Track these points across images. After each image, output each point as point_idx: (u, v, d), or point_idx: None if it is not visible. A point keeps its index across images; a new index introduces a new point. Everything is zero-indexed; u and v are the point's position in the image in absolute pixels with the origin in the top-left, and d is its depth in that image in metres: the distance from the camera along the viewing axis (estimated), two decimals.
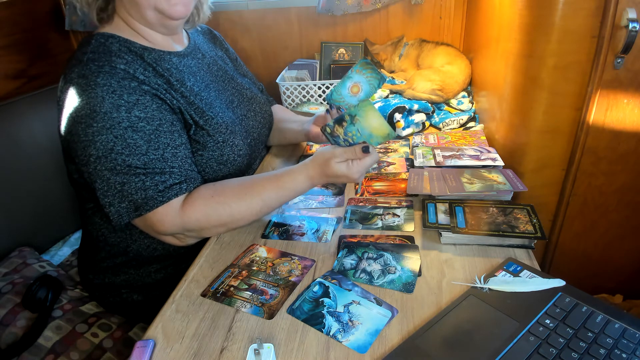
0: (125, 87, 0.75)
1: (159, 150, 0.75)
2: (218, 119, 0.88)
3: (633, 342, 0.55)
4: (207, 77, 0.95)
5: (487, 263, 0.72)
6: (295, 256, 0.78)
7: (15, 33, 1.32)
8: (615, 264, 1.10)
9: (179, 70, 0.88)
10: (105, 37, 0.82)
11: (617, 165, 0.95)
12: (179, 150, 0.78)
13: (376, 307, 0.65)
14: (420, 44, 1.43)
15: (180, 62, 0.90)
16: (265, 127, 1.08)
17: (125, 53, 0.81)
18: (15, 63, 1.32)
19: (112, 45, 0.81)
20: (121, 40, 0.83)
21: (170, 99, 0.81)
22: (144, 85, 0.78)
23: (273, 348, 0.58)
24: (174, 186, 0.76)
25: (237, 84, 1.04)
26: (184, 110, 0.83)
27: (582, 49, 0.85)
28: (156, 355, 0.61)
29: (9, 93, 1.28)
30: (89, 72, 0.75)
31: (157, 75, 0.83)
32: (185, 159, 0.79)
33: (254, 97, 1.06)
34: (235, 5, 1.53)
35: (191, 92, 0.87)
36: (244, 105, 1.01)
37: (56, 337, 0.89)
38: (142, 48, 0.84)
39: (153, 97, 0.78)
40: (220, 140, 0.87)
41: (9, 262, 1.06)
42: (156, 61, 0.84)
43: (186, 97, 0.85)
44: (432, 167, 0.98)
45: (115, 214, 0.75)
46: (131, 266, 0.92)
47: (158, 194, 0.74)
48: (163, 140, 0.76)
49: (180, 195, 0.76)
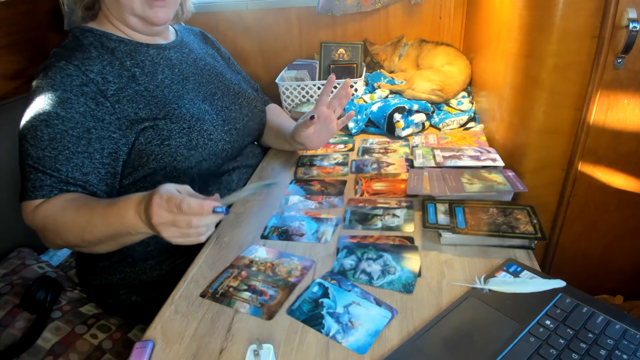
0: (65, 84, 0.80)
1: (56, 151, 0.78)
2: (182, 109, 0.91)
3: (634, 343, 0.54)
4: (188, 70, 1.00)
5: (487, 264, 0.72)
6: (294, 257, 0.78)
7: (15, 33, 1.32)
8: (615, 265, 1.09)
9: (154, 62, 0.93)
10: (82, 31, 0.89)
11: (617, 165, 0.95)
12: (76, 158, 0.79)
13: (376, 308, 0.65)
14: (420, 44, 1.43)
15: (159, 55, 0.95)
16: (253, 121, 1.09)
17: (94, 48, 0.87)
18: (15, 63, 1.32)
19: (85, 39, 0.88)
20: (97, 34, 0.89)
21: (113, 103, 0.84)
22: (85, 87, 0.82)
23: (272, 349, 0.58)
24: (46, 187, 0.77)
25: (225, 79, 1.07)
26: (128, 112, 0.84)
27: (582, 49, 0.85)
28: (155, 356, 0.61)
29: (9, 93, 1.28)
30: (47, 66, 0.82)
31: (122, 70, 0.87)
32: (79, 167, 0.79)
33: (242, 92, 1.09)
34: (235, 5, 1.53)
35: (160, 84, 0.91)
36: (228, 99, 1.04)
37: (55, 338, 0.89)
38: (119, 41, 0.90)
39: (88, 100, 0.81)
40: (186, 127, 0.89)
41: (8, 263, 1.06)
42: (130, 54, 0.90)
43: (149, 90, 0.89)
44: (432, 168, 0.97)
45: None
46: (127, 264, 0.93)
47: (31, 188, 0.77)
48: (65, 143, 0.78)
49: (45, 198, 0.77)
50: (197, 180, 0.93)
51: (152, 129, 0.86)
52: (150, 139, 0.86)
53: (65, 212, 0.75)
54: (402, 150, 1.13)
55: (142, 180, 0.89)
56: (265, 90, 1.31)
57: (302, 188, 1.00)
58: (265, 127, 1.18)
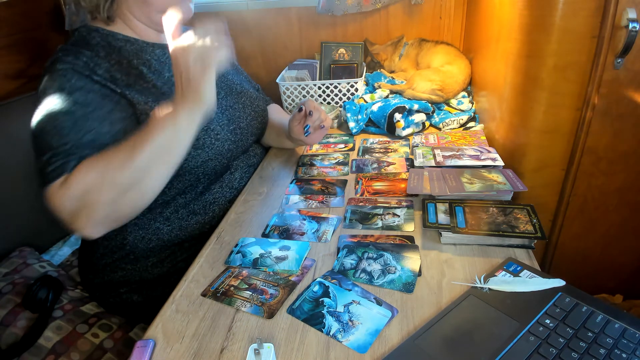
0: (77, 73, 0.78)
1: (80, 132, 0.74)
2: None
3: (633, 342, 0.55)
4: None
5: (487, 263, 0.72)
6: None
7: (15, 33, 1.32)
8: (615, 264, 1.10)
9: (161, 62, 0.93)
10: (89, 30, 0.88)
11: (617, 165, 0.95)
12: (102, 137, 0.76)
13: (376, 307, 0.65)
14: (419, 43, 1.43)
15: (164, 54, 0.94)
16: (256, 120, 1.10)
17: (101, 47, 0.86)
18: (15, 63, 1.32)
19: (92, 39, 0.87)
20: (104, 33, 0.88)
21: (124, 91, 0.82)
22: (96, 75, 0.80)
23: (273, 348, 0.58)
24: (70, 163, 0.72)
25: (227, 80, 1.08)
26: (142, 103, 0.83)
27: (582, 49, 0.85)
28: (156, 355, 0.61)
29: (9, 93, 1.28)
30: (55, 60, 0.80)
31: (130, 68, 0.86)
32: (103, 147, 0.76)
33: (244, 92, 1.10)
34: (235, 5, 1.53)
35: (167, 81, 0.91)
36: (231, 98, 1.04)
37: (57, 337, 0.89)
38: (125, 40, 0.90)
39: (102, 88, 0.80)
40: None
41: (10, 262, 1.06)
42: (136, 53, 0.90)
43: (157, 87, 0.88)
44: (432, 167, 0.98)
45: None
46: (128, 261, 0.93)
47: (54, 170, 0.72)
48: (90, 125, 0.76)
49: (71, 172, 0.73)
50: (202, 180, 0.94)
51: None
52: None
53: (103, 158, 0.72)
54: (402, 150, 1.13)
55: None
56: (265, 90, 1.31)
57: (303, 187, 1.00)
58: (267, 126, 1.18)
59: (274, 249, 0.80)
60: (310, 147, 1.21)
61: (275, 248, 0.80)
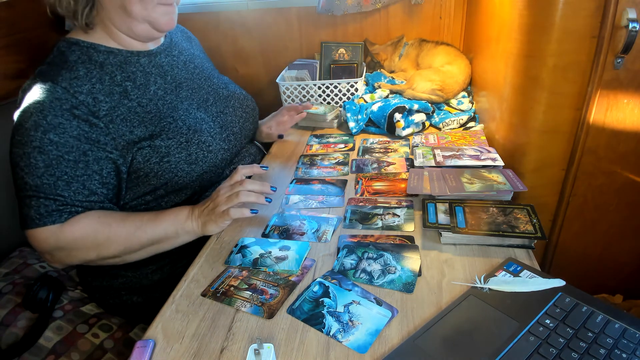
0: (55, 108, 0.77)
1: (54, 177, 0.77)
2: (178, 122, 0.89)
3: (633, 342, 0.55)
4: (180, 75, 0.97)
5: (487, 263, 0.72)
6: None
7: (15, 33, 1.32)
8: (615, 264, 1.10)
9: (146, 72, 0.90)
10: (68, 45, 0.85)
11: (617, 165, 0.95)
12: (76, 182, 0.78)
13: (376, 307, 0.65)
14: (420, 43, 1.43)
15: (150, 63, 0.91)
16: (249, 122, 1.09)
17: (81, 64, 0.83)
18: (15, 63, 1.32)
19: (71, 54, 0.84)
20: (84, 47, 0.85)
21: (107, 123, 0.82)
22: (76, 109, 0.79)
23: (273, 348, 0.58)
24: (54, 213, 0.77)
25: (213, 83, 1.05)
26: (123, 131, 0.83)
27: (582, 49, 0.85)
28: (156, 355, 0.61)
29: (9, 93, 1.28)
30: (33, 85, 0.80)
31: (112, 86, 0.84)
32: (80, 190, 0.79)
33: (232, 94, 1.08)
34: (235, 5, 1.53)
35: (153, 97, 0.88)
36: (220, 103, 1.03)
37: (57, 337, 0.89)
38: (107, 52, 0.86)
39: (81, 123, 0.79)
40: (183, 141, 0.87)
41: (10, 262, 1.06)
42: (119, 65, 0.86)
43: (142, 106, 0.86)
44: (432, 167, 0.98)
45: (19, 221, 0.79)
46: (128, 268, 0.93)
47: (37, 216, 0.76)
48: (62, 169, 0.77)
49: (57, 223, 0.77)
50: (198, 190, 0.94)
51: (150, 148, 0.84)
52: (148, 157, 0.84)
53: (109, 225, 0.78)
54: (402, 150, 1.13)
55: (144, 196, 0.89)
56: (265, 90, 1.31)
57: (303, 187, 1.00)
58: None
59: (274, 249, 0.80)
60: (311, 147, 1.21)
61: (275, 248, 0.80)
